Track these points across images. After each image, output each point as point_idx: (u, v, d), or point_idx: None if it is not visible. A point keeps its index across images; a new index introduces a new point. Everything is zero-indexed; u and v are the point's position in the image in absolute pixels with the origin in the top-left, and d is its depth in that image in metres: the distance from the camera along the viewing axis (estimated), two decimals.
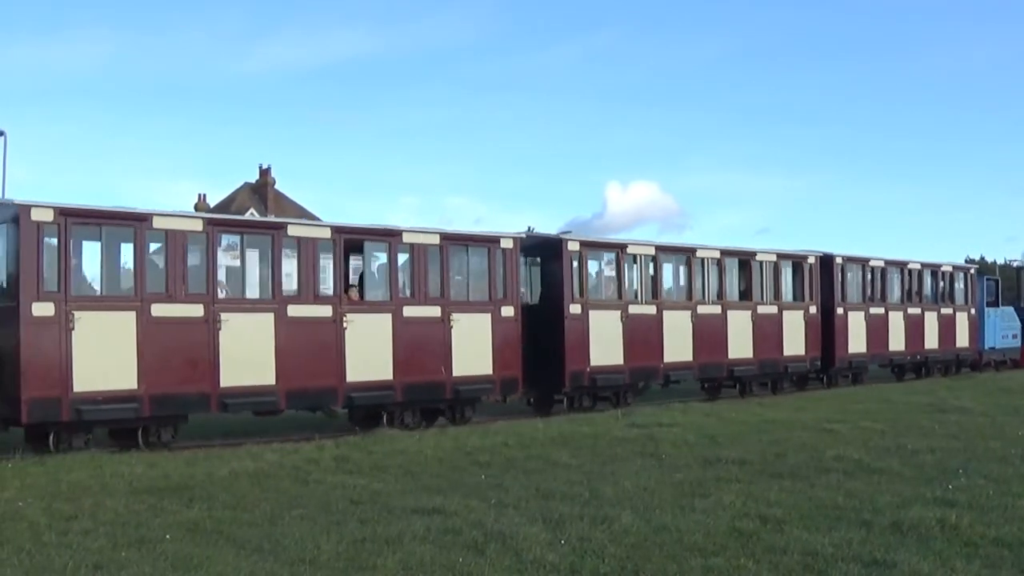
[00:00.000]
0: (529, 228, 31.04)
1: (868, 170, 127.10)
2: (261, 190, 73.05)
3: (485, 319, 15.77)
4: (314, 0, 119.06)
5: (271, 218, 14.46)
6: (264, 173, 73.56)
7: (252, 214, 70.12)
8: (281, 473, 10.54)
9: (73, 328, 11.87)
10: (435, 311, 15.17)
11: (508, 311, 16.04)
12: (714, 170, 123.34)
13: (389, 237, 15.10)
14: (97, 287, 12.71)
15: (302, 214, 74.67)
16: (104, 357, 12.07)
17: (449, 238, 15.59)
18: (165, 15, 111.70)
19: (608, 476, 9.98)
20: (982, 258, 65.81)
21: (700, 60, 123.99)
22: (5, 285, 12.06)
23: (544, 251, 17.24)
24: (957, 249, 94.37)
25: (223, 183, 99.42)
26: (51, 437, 11.99)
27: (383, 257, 15.34)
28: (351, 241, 14.92)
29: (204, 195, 78.28)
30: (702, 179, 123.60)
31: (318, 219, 76.92)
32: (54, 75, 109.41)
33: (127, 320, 12.35)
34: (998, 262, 60.65)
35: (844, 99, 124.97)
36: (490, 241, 16.17)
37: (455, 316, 15.33)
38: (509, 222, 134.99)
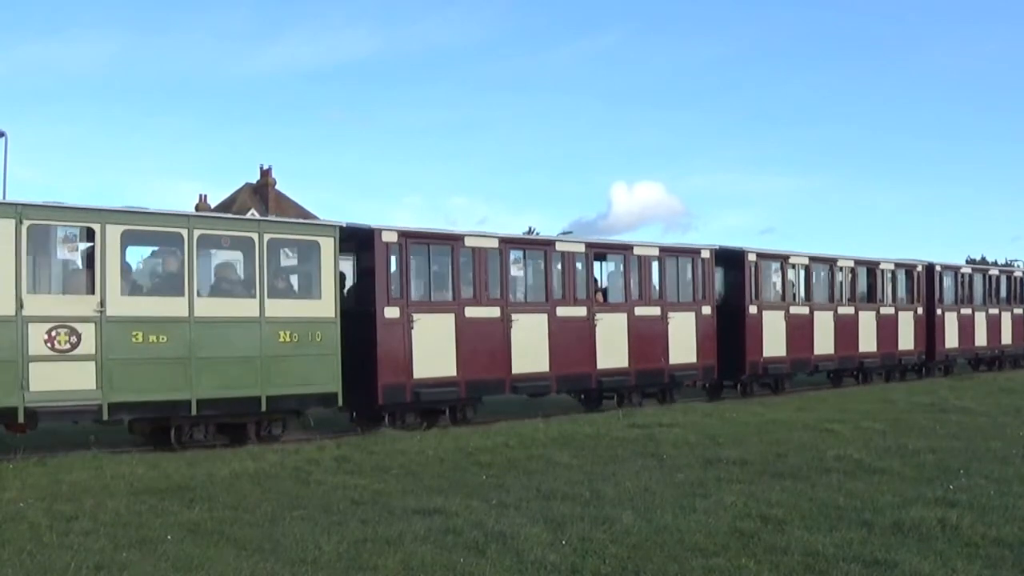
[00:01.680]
0: (529, 228, 31.11)
1: (872, 170, 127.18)
2: (262, 190, 73.10)
3: (691, 316, 19.03)
4: (317, 1, 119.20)
5: (546, 235, 19.92)
6: (265, 173, 73.60)
7: (253, 214, 70.26)
8: (282, 474, 10.55)
9: (412, 327, 14.87)
10: (656, 310, 18.55)
11: (707, 310, 19.38)
12: (718, 170, 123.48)
13: (624, 250, 18.62)
14: (427, 294, 15.61)
15: (303, 214, 74.68)
16: (433, 351, 15.12)
17: (666, 250, 19.14)
18: (168, 16, 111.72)
19: (609, 476, 9.98)
20: (983, 258, 65.82)
21: (703, 61, 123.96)
22: (361, 294, 14.91)
23: (728, 260, 20.35)
24: (959, 249, 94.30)
25: (224, 183, 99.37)
26: (387, 417, 15.00)
27: (619, 266, 18.57)
28: (597, 253, 18.25)
29: (205, 195, 78.33)
30: (706, 179, 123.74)
31: (318, 219, 77.06)
32: (58, 75, 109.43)
33: (448, 320, 15.41)
34: (999, 262, 60.62)
35: (848, 99, 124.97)
36: (693, 252, 19.64)
37: (671, 314, 18.64)
38: (511, 223, 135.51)
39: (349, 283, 15.35)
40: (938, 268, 26.54)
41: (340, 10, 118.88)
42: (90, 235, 12.29)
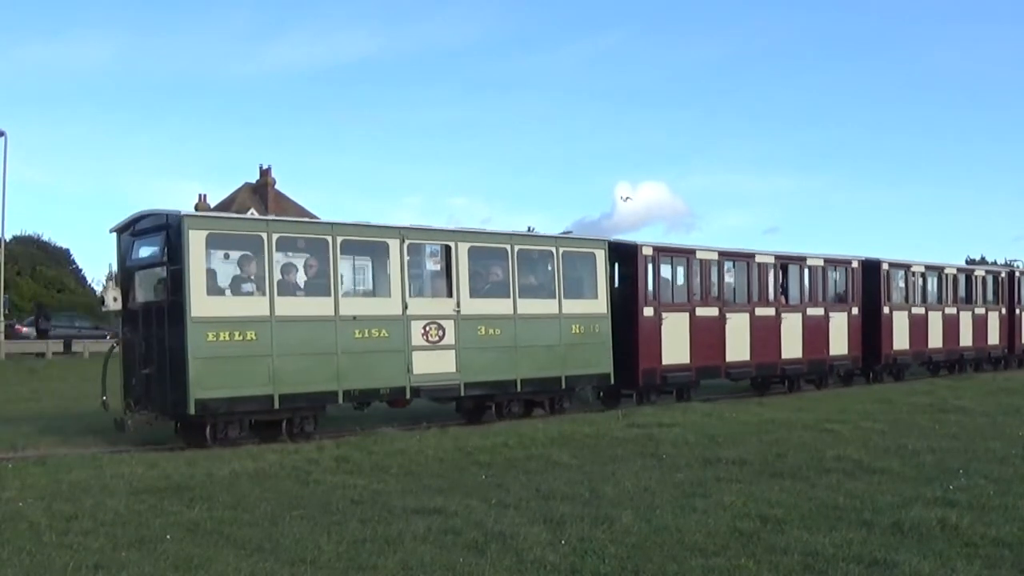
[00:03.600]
0: (529, 228, 31.11)
1: (874, 170, 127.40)
2: (261, 190, 73.16)
3: (844, 316, 22.85)
4: (319, 1, 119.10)
5: (750, 248, 21.50)
6: (264, 173, 73.66)
7: (252, 214, 70.23)
8: (281, 473, 10.55)
9: (662, 324, 18.50)
10: (821, 311, 22.15)
11: (855, 311, 23.26)
12: (721, 170, 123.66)
13: (800, 261, 22.08)
14: (671, 297, 19.07)
15: (302, 214, 74.72)
16: (675, 343, 18.70)
17: (829, 261, 22.89)
18: (169, 17, 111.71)
19: (608, 476, 9.98)
20: (983, 258, 65.78)
21: (706, 61, 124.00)
22: (624, 295, 18.24)
23: (868, 270, 24.02)
24: (960, 249, 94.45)
25: (224, 183, 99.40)
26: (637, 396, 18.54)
27: (797, 274, 22.04)
28: (783, 264, 21.62)
29: (205, 195, 78.49)
30: (709, 179, 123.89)
31: (318, 219, 76.97)
32: (59, 76, 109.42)
33: (685, 318, 19.03)
34: (999, 261, 60.60)
35: (850, 100, 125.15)
36: (846, 263, 23.34)
37: (831, 314, 22.35)
38: (513, 223, 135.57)
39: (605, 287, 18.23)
40: (1017, 273, 30.54)
41: (341, 10, 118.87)
42: (447, 251, 15.52)
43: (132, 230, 14.27)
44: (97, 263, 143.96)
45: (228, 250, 14.09)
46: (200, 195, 77.81)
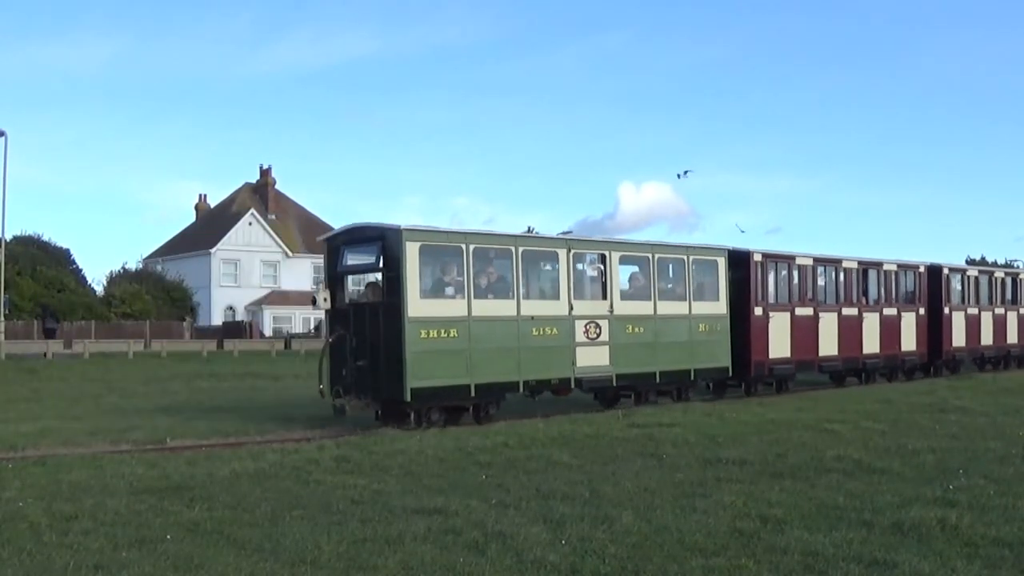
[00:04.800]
0: (529, 228, 31.12)
1: (876, 171, 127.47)
2: (261, 190, 73.21)
3: (912, 316, 25.42)
4: (320, 2, 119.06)
5: (836, 254, 24.11)
6: (265, 173, 73.70)
7: (252, 214, 70.21)
8: (282, 473, 10.54)
9: (770, 322, 20.84)
10: (894, 311, 24.84)
11: (922, 311, 25.80)
12: (724, 171, 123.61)
13: (877, 266, 24.70)
14: (776, 298, 21.43)
15: (302, 214, 74.79)
16: (779, 339, 21.10)
17: (901, 266, 25.44)
18: (170, 18, 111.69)
19: (609, 476, 9.98)
20: (983, 258, 65.77)
21: (709, 63, 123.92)
22: (738, 297, 20.18)
23: (932, 275, 26.49)
24: (962, 249, 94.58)
25: (224, 183, 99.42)
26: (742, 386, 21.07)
27: (876, 277, 24.63)
28: (864, 268, 24.18)
29: (205, 195, 78.58)
30: (712, 180, 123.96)
31: (319, 218, 76.70)
32: (60, 77, 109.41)
33: (787, 317, 21.39)
34: (999, 262, 60.60)
35: (853, 101, 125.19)
36: (914, 267, 26.01)
37: (903, 314, 25.07)
38: (515, 223, 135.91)
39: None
40: None
41: (342, 11, 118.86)
42: (603, 259, 17.78)
43: (342, 239, 16.35)
44: (97, 263, 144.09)
45: (434, 258, 15.90)
46: (200, 195, 78.06)
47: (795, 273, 21.87)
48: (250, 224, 70.02)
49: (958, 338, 27.30)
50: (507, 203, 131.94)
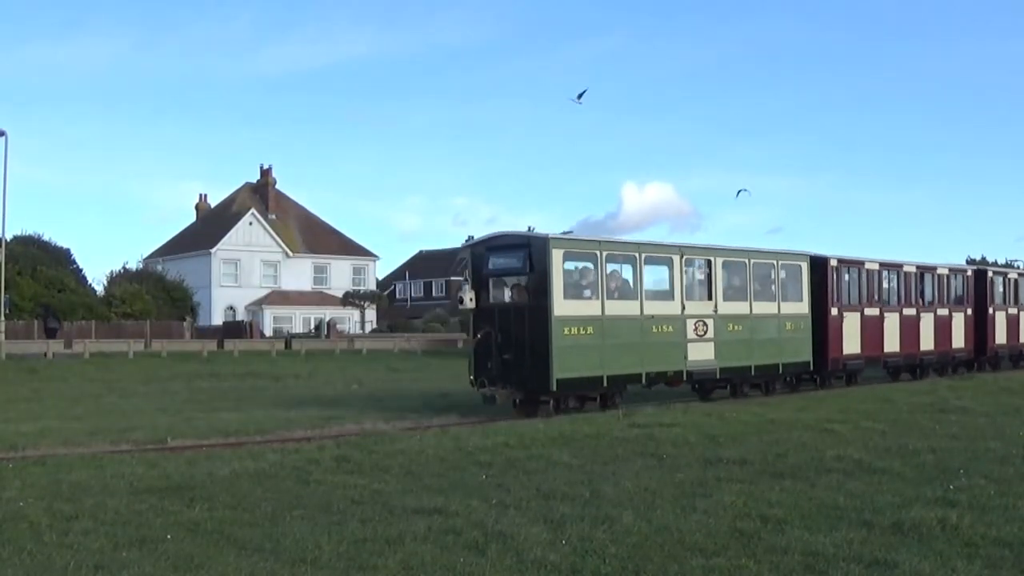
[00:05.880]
0: (529, 228, 31.15)
1: (877, 171, 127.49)
2: (262, 190, 73.16)
3: (961, 316, 27.54)
4: (320, 2, 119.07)
5: (892, 259, 26.07)
6: (265, 173, 73.64)
7: (253, 213, 70.21)
8: (282, 473, 10.54)
9: (843, 322, 22.88)
10: (946, 311, 26.89)
11: (969, 311, 27.88)
12: (725, 170, 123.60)
13: (932, 270, 26.79)
14: (847, 300, 23.43)
15: (303, 214, 74.79)
16: (850, 337, 23.09)
17: (952, 270, 27.88)
18: (171, 19, 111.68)
19: (609, 476, 9.97)
20: (983, 258, 65.70)
21: (711, 63, 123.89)
22: (816, 299, 22.14)
23: (979, 278, 28.94)
24: (963, 249, 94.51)
25: (224, 183, 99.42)
26: (817, 380, 22.86)
27: (930, 280, 26.60)
28: (921, 272, 26.25)
29: (205, 195, 78.54)
30: (713, 179, 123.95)
31: (319, 218, 76.64)
32: (60, 76, 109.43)
33: (856, 317, 23.40)
34: (999, 262, 60.54)
35: (854, 101, 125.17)
36: (962, 271, 28.76)
37: (953, 314, 27.15)
38: (516, 223, 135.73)
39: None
40: None
41: (342, 11, 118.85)
42: (709, 264, 19.91)
43: (487, 246, 18.22)
44: (97, 263, 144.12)
45: (574, 264, 17.87)
46: (200, 195, 78.00)
47: (863, 277, 23.93)
48: (250, 224, 69.99)
49: (1000, 336, 29.29)
50: (508, 203, 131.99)
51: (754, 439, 12.80)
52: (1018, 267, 39.36)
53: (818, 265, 22.42)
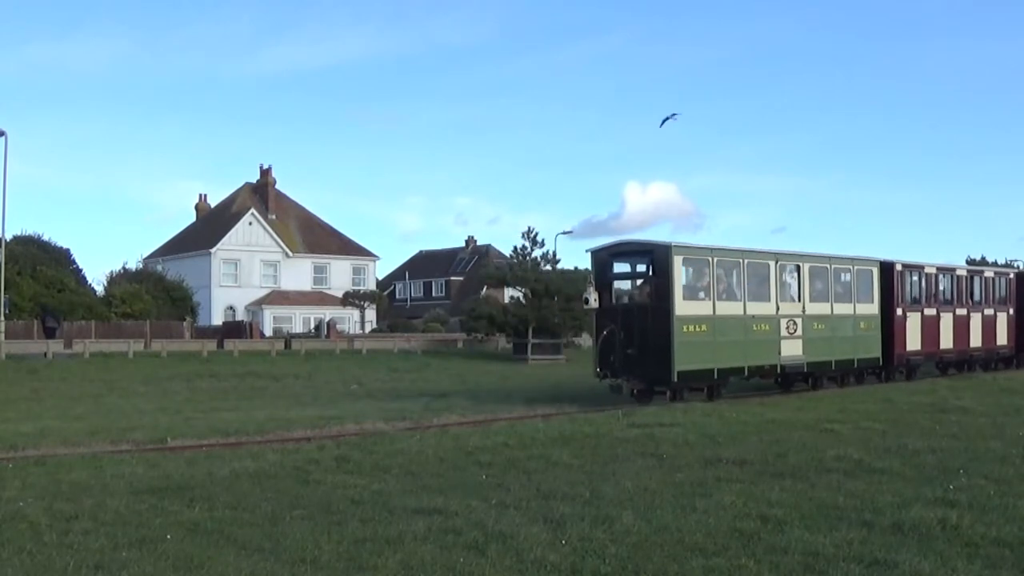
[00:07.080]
0: (530, 228, 31.15)
1: (879, 170, 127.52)
2: (262, 190, 73.11)
3: (1004, 315, 29.74)
4: (320, 2, 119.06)
5: (948, 263, 29.34)
6: (265, 173, 73.58)
7: (253, 213, 70.21)
8: (282, 473, 10.54)
9: (907, 321, 25.12)
10: (992, 311, 29.00)
11: (1011, 311, 30.12)
12: (728, 170, 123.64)
13: (980, 272, 29.62)
14: (910, 300, 25.58)
15: (302, 214, 74.77)
16: (913, 334, 25.27)
17: (997, 272, 30.35)
18: (171, 19, 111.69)
19: (609, 476, 9.97)
20: (983, 258, 65.68)
21: (712, 62, 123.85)
22: (884, 300, 24.38)
23: (1020, 280, 31.15)
24: (964, 249, 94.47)
25: (225, 183, 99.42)
26: (881, 374, 24.96)
27: (978, 282, 28.94)
28: (971, 275, 28.98)
29: (205, 195, 78.54)
30: (716, 179, 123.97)
31: (319, 218, 76.55)
32: (61, 76, 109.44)
33: (918, 317, 25.52)
34: (999, 262, 60.54)
35: (856, 100, 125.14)
36: (1005, 274, 31.28)
37: (998, 314, 29.25)
38: (518, 223, 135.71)
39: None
40: None
41: (342, 11, 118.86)
42: (798, 269, 22.08)
43: (610, 252, 20.64)
44: (97, 263, 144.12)
45: (690, 268, 19.99)
46: (200, 195, 77.96)
47: (923, 279, 26.18)
48: (250, 224, 69.95)
49: None
50: (510, 203, 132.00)
51: (754, 439, 12.80)
52: (1018, 266, 39.49)
53: (886, 269, 24.59)
